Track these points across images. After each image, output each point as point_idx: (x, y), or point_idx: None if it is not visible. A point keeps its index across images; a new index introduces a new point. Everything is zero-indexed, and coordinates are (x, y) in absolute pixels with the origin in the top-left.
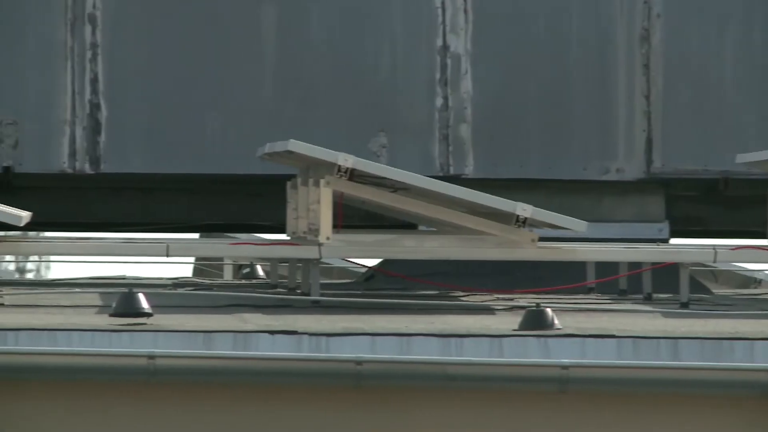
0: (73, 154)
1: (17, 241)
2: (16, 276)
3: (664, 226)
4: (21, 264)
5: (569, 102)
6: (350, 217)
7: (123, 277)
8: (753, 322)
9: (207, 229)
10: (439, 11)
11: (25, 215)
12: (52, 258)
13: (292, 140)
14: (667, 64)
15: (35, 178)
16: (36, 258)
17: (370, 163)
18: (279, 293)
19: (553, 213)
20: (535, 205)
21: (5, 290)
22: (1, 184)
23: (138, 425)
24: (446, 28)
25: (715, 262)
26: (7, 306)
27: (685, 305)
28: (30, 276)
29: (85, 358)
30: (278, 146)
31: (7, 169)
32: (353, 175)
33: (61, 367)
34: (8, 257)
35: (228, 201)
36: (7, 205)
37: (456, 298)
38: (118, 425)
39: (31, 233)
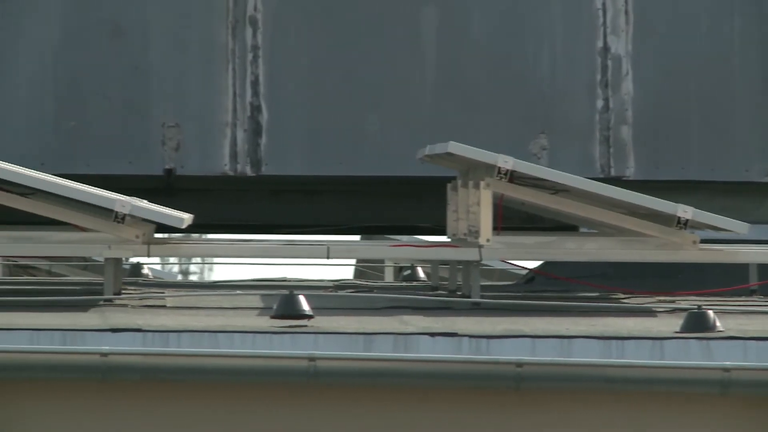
0: (234, 156)
1: (179, 243)
2: (179, 278)
3: None
4: (184, 266)
5: (731, 103)
6: (510, 219)
7: (284, 279)
8: None
9: (368, 231)
10: (600, 13)
11: (186, 217)
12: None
13: (452, 142)
14: None
15: (196, 180)
16: (198, 260)
17: (530, 165)
18: (439, 295)
19: (714, 215)
20: (696, 207)
21: (168, 292)
22: (163, 186)
23: (299, 427)
24: (607, 30)
25: None
26: (170, 308)
27: None
28: (193, 278)
29: (246, 360)
30: (438, 148)
31: (169, 171)
32: (513, 177)
33: (222, 368)
34: (171, 259)
35: (388, 203)
36: (169, 207)
37: (617, 300)
38: (279, 426)
39: (194, 235)
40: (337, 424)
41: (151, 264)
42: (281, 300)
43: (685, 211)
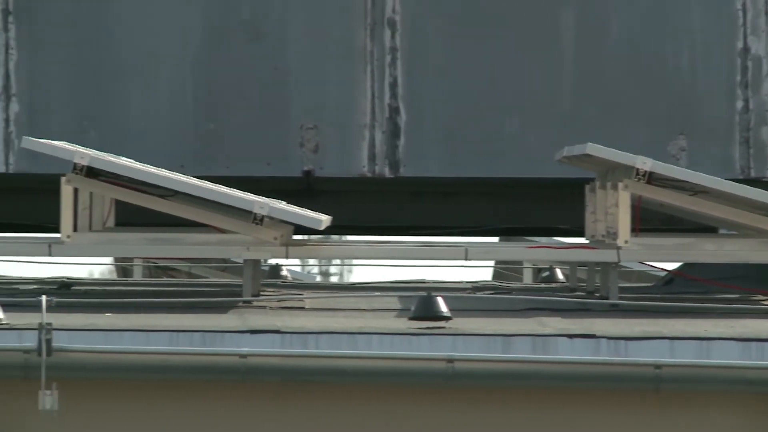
0: (372, 158)
1: (318, 245)
2: (318, 279)
3: None
4: (324, 268)
5: None
6: (649, 221)
7: (422, 281)
8: None
9: (506, 232)
10: (740, 13)
11: (324, 219)
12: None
13: (590, 144)
14: None
15: (335, 181)
16: (338, 262)
17: (668, 167)
18: (578, 297)
19: None
20: None
21: (306, 294)
22: (301, 188)
23: (436, 428)
24: (747, 30)
25: None
26: (308, 309)
27: None
28: (333, 279)
29: (385, 362)
30: (576, 150)
31: (307, 173)
32: (652, 179)
33: (360, 370)
34: (311, 261)
35: (526, 205)
36: (307, 208)
37: (757, 302)
38: (416, 428)
39: (333, 237)
40: (474, 426)
41: (290, 265)
42: (419, 301)
43: None
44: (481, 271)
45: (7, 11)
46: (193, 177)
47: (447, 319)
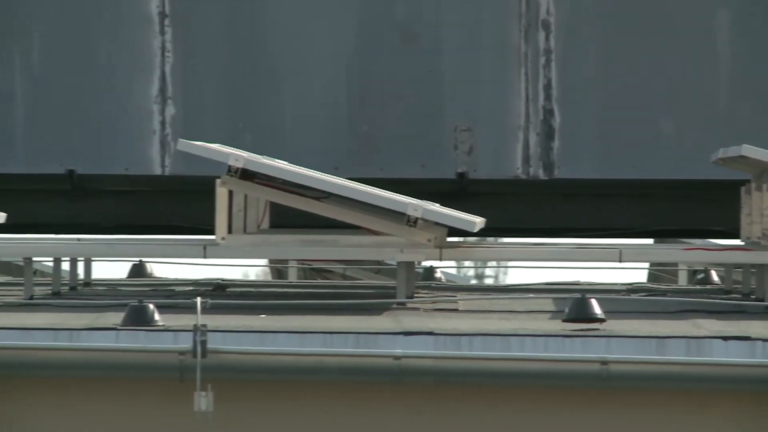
0: (526, 159)
1: (471, 247)
2: (473, 281)
3: None
4: (480, 270)
5: None
6: None
7: (577, 283)
8: None
9: (660, 234)
10: None
11: (478, 221)
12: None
13: (745, 145)
14: None
15: (489, 183)
16: (493, 264)
17: None
18: (733, 299)
19: None
20: None
21: (460, 295)
22: (455, 190)
23: (592, 430)
24: None
25: None
26: (462, 311)
27: None
28: (488, 281)
29: (538, 364)
30: (732, 151)
31: (461, 175)
32: None
33: (514, 372)
34: (466, 263)
35: (681, 206)
36: (462, 210)
37: None
38: (571, 429)
39: (489, 239)
40: (628, 428)
41: (444, 267)
42: (573, 303)
43: None
44: (636, 273)
45: (163, 14)
46: (347, 179)
47: (601, 321)
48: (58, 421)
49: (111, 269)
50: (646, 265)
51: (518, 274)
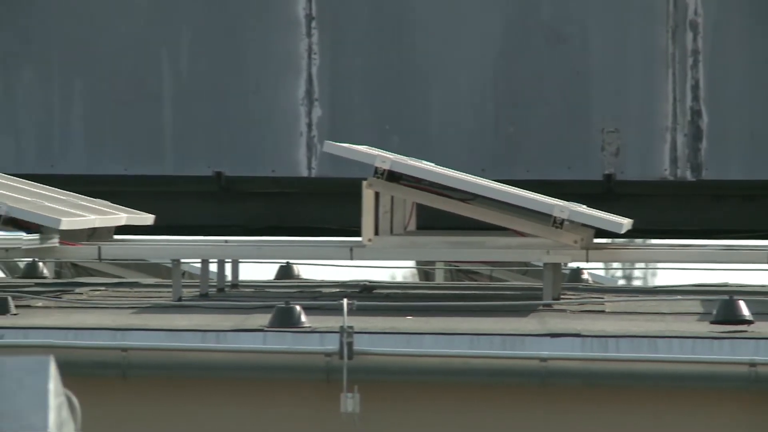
0: (674, 161)
1: (618, 249)
2: (621, 283)
3: None
4: (627, 271)
5: None
6: None
7: (725, 285)
8: None
9: None
10: None
11: (625, 222)
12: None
13: None
14: None
15: (636, 185)
16: (642, 265)
17: None
18: None
19: None
20: None
21: (607, 297)
22: (602, 191)
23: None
24: None
25: None
26: (609, 313)
27: None
28: (636, 283)
29: (685, 366)
30: None
31: (608, 176)
32: None
33: (660, 373)
34: (614, 264)
35: None
36: (609, 212)
37: None
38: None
39: (636, 240)
40: None
41: (591, 269)
42: (721, 305)
43: None
44: None
45: (310, 17)
46: (494, 180)
47: (749, 323)
48: (205, 421)
49: (258, 271)
50: None
51: (666, 275)
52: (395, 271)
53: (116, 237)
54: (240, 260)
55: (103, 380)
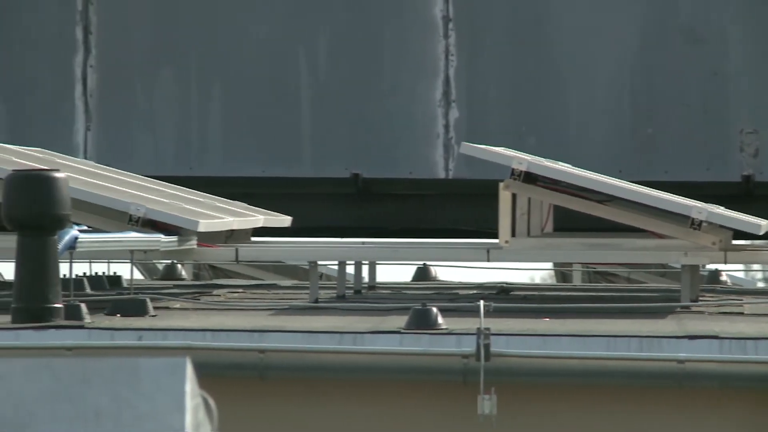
0: None
1: (758, 250)
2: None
3: None
4: (767, 273)
5: None
6: None
7: None
8: None
9: None
10: None
11: (764, 224)
12: None
13: None
14: None
15: None
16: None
17: None
18: None
19: None
20: None
21: (745, 299)
22: (741, 193)
23: None
24: None
25: None
26: (748, 315)
27: None
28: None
29: None
30: None
31: (747, 177)
32: None
33: None
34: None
35: None
36: (747, 213)
37: None
38: None
39: None
40: None
41: (729, 271)
42: None
43: None
44: None
45: (447, 18)
46: (630, 182)
47: None
48: (341, 423)
49: (395, 272)
50: None
51: None
52: (533, 273)
53: (254, 239)
54: (377, 262)
55: (241, 381)
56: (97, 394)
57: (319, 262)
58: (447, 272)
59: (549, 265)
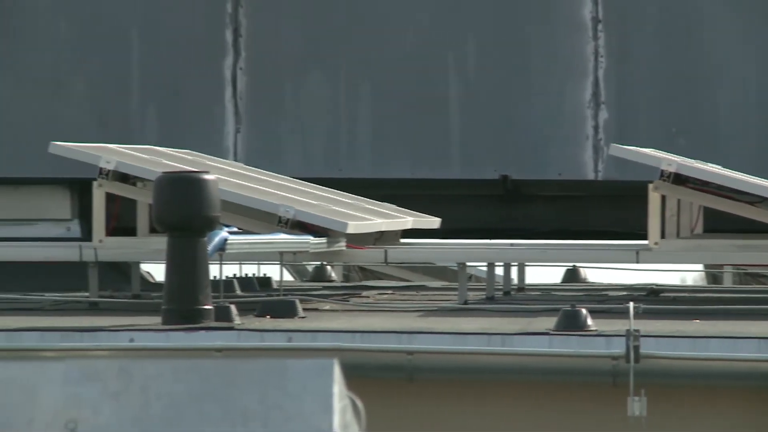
0: None
1: None
2: None
3: None
4: None
5: None
6: None
7: None
8: None
9: None
10: None
11: None
12: None
13: None
14: None
15: None
16: None
17: None
18: None
19: None
20: None
21: None
22: None
23: None
24: None
25: None
26: None
27: None
28: None
29: None
30: None
31: None
32: None
33: None
34: None
35: None
36: None
37: None
38: None
39: None
40: None
41: None
42: None
43: None
44: None
45: (596, 19)
46: None
47: None
48: (490, 424)
49: (544, 274)
50: None
51: None
52: (684, 274)
53: (402, 240)
54: (526, 263)
55: (389, 383)
56: (245, 395)
57: (468, 264)
58: (596, 274)
59: (699, 266)
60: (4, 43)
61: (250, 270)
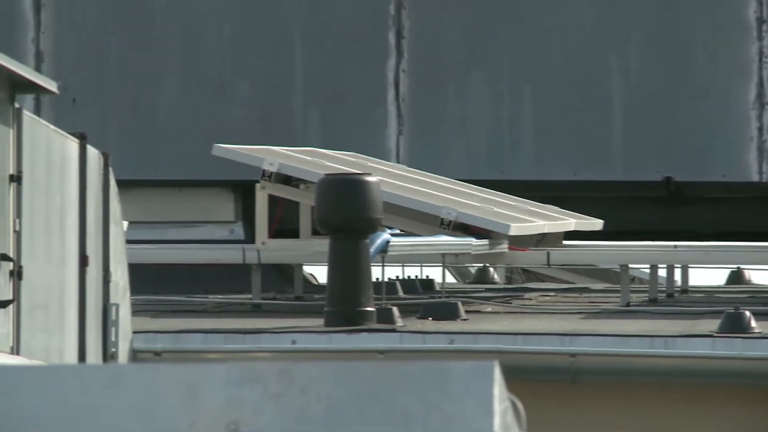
0: None
1: None
2: None
3: None
4: None
5: None
6: None
7: None
8: None
9: None
10: None
11: None
12: None
13: None
14: None
15: None
16: None
17: None
18: None
19: None
20: None
21: None
22: None
23: None
24: None
25: None
26: None
27: None
28: None
29: None
30: None
31: None
32: None
33: None
34: None
35: None
36: None
37: None
38: None
39: None
40: None
41: None
42: None
43: None
44: None
45: (761, 20)
46: None
47: None
48: (653, 426)
49: (708, 276)
50: None
51: None
52: None
53: (565, 242)
54: (689, 265)
55: (552, 385)
56: (406, 397)
57: (631, 266)
58: (761, 276)
59: None
60: (169, 47)
61: (412, 272)
